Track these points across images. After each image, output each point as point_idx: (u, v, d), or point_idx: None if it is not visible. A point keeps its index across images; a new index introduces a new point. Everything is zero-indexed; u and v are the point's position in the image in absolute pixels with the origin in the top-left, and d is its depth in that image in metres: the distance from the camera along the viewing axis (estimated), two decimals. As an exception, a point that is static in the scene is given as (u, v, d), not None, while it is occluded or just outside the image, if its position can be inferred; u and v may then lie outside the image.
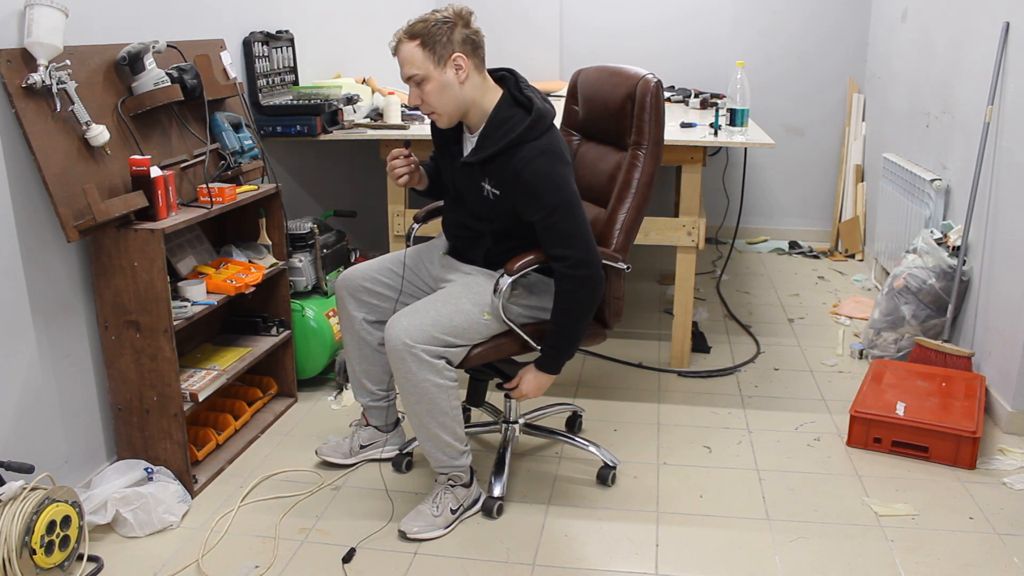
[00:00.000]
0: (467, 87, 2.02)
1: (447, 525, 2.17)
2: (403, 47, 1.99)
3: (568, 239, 2.02)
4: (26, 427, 2.10)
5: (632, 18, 4.92)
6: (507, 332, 2.16)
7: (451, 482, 2.20)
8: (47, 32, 1.96)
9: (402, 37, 1.99)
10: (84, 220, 2.08)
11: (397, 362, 2.03)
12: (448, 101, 2.02)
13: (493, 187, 2.07)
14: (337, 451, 2.49)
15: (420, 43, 1.96)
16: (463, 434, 2.17)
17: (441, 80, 1.99)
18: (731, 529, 2.20)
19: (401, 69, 2.02)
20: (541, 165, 1.99)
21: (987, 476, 2.44)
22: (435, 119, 2.09)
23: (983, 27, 3.07)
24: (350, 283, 2.31)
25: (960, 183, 3.26)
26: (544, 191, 2.00)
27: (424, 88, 2.00)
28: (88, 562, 2.01)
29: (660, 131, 2.25)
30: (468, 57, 2.00)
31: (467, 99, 2.04)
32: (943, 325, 3.09)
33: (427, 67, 1.97)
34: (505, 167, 2.02)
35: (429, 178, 2.34)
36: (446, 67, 1.98)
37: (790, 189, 5.11)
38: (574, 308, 2.07)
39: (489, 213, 2.12)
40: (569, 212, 2.01)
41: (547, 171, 2.00)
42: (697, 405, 2.92)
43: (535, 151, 2.00)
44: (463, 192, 2.17)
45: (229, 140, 2.63)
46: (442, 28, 1.96)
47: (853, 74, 4.85)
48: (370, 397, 2.44)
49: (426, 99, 2.03)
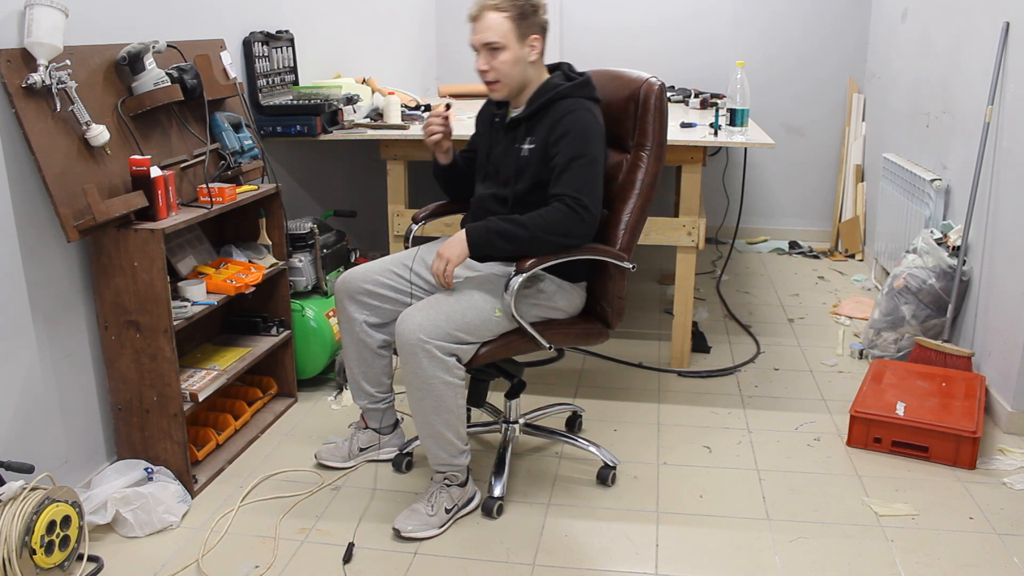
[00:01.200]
0: (533, 66, 2.20)
1: (442, 524, 2.17)
2: (490, 15, 2.14)
3: (580, 185, 2.10)
4: (26, 427, 2.10)
5: (632, 18, 4.92)
6: (516, 330, 2.17)
7: (447, 481, 2.20)
8: (47, 32, 1.96)
9: (490, 6, 2.14)
10: (84, 220, 2.08)
11: (409, 357, 2.04)
12: (516, 74, 2.18)
13: (530, 143, 2.19)
14: (336, 454, 2.50)
15: (510, 16, 2.13)
16: (465, 433, 2.17)
17: (518, 54, 2.16)
18: (731, 529, 2.20)
19: (479, 34, 2.16)
20: (582, 116, 2.15)
21: (987, 476, 2.44)
22: (495, 88, 2.21)
23: (983, 27, 3.07)
24: (350, 285, 2.31)
25: (960, 183, 3.26)
26: (576, 137, 2.12)
27: (498, 57, 2.15)
28: (88, 562, 2.01)
29: (663, 132, 2.28)
30: (541, 40, 2.20)
31: (529, 77, 2.21)
32: (943, 325, 3.09)
33: (509, 39, 2.14)
34: (549, 117, 2.17)
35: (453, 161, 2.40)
36: (524, 43, 2.16)
37: (790, 189, 5.11)
38: (546, 226, 2.08)
39: (518, 172, 2.20)
40: (591, 164, 2.12)
41: (583, 123, 2.14)
42: (697, 405, 2.92)
43: (581, 106, 2.16)
44: (498, 163, 2.27)
45: (229, 140, 2.63)
46: (529, 8, 2.16)
47: (853, 74, 4.85)
48: (369, 399, 2.44)
49: (497, 67, 2.16)
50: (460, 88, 4.76)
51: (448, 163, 2.40)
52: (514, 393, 2.42)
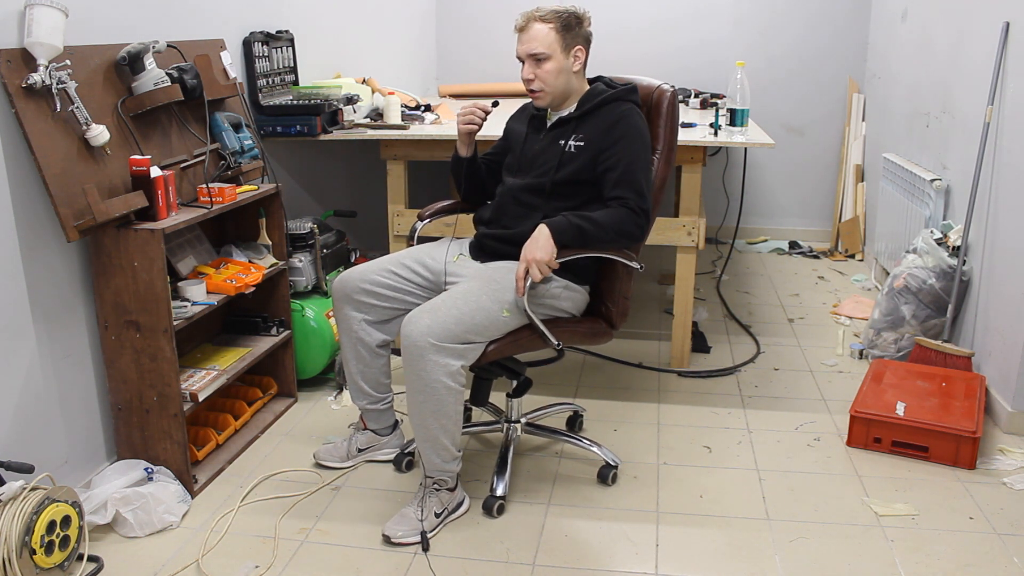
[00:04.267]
0: (576, 76, 2.27)
1: (431, 529, 2.16)
2: (536, 26, 2.21)
3: (638, 186, 2.17)
4: (26, 427, 2.10)
5: (633, 17, 4.92)
6: (525, 327, 2.18)
7: (436, 486, 2.19)
8: (47, 32, 1.96)
9: (536, 17, 2.21)
10: (84, 220, 2.08)
11: (414, 359, 2.03)
12: (560, 83, 2.24)
13: (578, 140, 2.24)
14: (334, 455, 2.49)
15: (555, 27, 2.20)
16: (459, 440, 2.17)
17: (562, 64, 2.22)
18: (731, 529, 2.20)
19: (525, 45, 2.22)
20: (637, 121, 2.23)
21: (987, 476, 2.44)
22: (539, 96, 2.26)
23: (983, 27, 3.07)
24: (347, 286, 2.30)
25: (960, 183, 3.26)
26: (634, 140, 2.20)
27: (544, 66, 2.21)
28: (88, 562, 2.01)
29: (674, 137, 2.35)
30: (585, 51, 2.26)
31: (572, 86, 2.27)
32: (943, 325, 3.09)
33: (555, 49, 2.20)
34: (601, 119, 2.23)
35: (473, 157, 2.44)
36: (569, 54, 2.23)
37: (790, 189, 5.11)
38: (615, 223, 2.15)
39: (559, 166, 2.25)
40: (647, 167, 2.23)
41: (640, 128, 2.23)
42: (697, 405, 2.92)
43: (634, 111, 2.25)
44: (533, 157, 2.31)
45: (229, 140, 2.63)
46: (574, 20, 2.23)
47: (853, 74, 4.85)
48: (368, 399, 2.44)
49: (542, 77, 2.22)
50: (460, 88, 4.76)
51: (468, 156, 2.43)
52: (520, 391, 2.42)
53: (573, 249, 2.14)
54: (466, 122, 2.35)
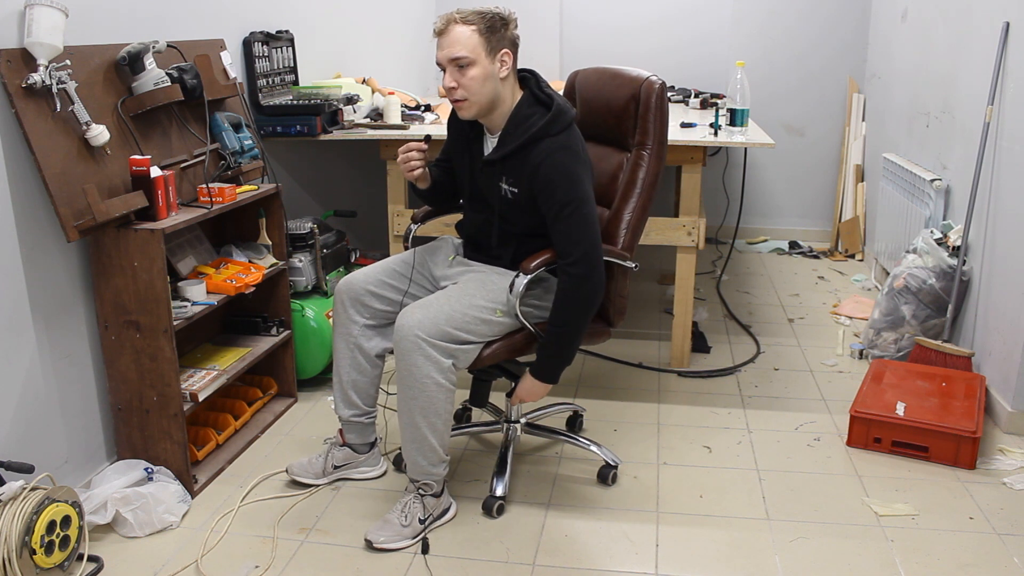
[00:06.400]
0: (504, 84, 2.08)
1: (415, 536, 2.13)
2: (457, 28, 2.02)
3: (575, 236, 2.04)
4: (26, 427, 2.10)
5: (633, 16, 4.92)
6: (519, 330, 2.17)
7: (421, 491, 2.16)
8: (47, 32, 1.96)
9: (456, 19, 2.03)
10: (84, 220, 2.08)
11: (404, 354, 2.02)
12: (486, 91, 2.06)
13: (511, 186, 2.12)
14: (308, 471, 2.40)
15: (478, 30, 2.01)
16: (448, 443, 2.14)
17: (488, 70, 2.03)
18: (731, 529, 2.20)
19: (446, 50, 2.03)
20: (559, 160, 2.04)
21: (987, 476, 2.44)
22: (462, 107, 2.09)
23: (983, 27, 3.07)
24: (352, 287, 2.26)
25: (960, 183, 3.26)
26: (558, 186, 2.04)
27: (467, 73, 2.03)
28: (88, 562, 2.01)
29: (664, 131, 2.28)
30: (512, 56, 2.08)
31: (499, 94, 2.08)
32: (943, 325, 3.09)
33: (479, 53, 2.02)
34: (524, 163, 2.07)
35: (432, 180, 2.33)
36: (495, 59, 2.04)
37: (790, 189, 5.11)
38: (571, 308, 2.07)
39: (509, 213, 2.16)
40: (578, 210, 2.04)
41: (563, 167, 2.04)
42: (697, 405, 2.92)
43: (554, 146, 2.05)
44: (485, 193, 2.20)
45: (229, 140, 2.63)
46: (499, 22, 2.04)
47: (853, 74, 4.85)
48: (353, 411, 2.34)
49: (465, 84, 2.04)
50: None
51: (428, 186, 2.31)
52: None
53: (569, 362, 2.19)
54: (409, 170, 2.19)
